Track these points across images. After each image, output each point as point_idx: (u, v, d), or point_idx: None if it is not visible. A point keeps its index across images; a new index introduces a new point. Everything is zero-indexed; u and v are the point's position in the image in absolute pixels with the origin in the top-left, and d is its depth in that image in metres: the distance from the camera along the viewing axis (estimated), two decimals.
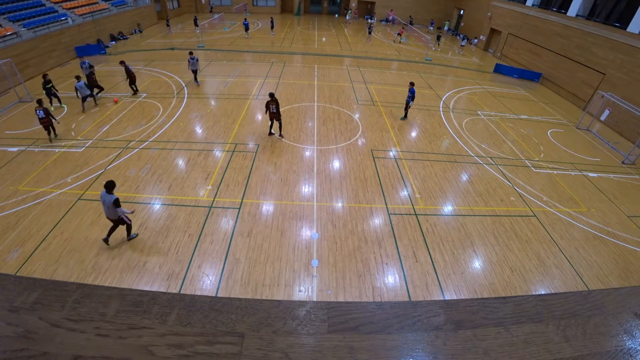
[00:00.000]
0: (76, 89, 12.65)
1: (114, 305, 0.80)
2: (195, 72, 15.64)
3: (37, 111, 10.22)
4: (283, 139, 11.61)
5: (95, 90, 13.73)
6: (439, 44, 27.67)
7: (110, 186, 6.55)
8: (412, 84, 12.98)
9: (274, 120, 11.39)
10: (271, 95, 10.79)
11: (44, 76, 12.76)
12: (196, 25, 26.57)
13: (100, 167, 9.62)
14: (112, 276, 6.51)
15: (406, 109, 13.58)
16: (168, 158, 10.25)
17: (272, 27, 27.13)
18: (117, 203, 6.54)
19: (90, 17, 21.26)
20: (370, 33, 28.08)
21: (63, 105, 13.29)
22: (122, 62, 14.24)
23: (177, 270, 6.70)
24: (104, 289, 0.84)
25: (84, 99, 12.82)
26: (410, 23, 34.22)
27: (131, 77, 14.09)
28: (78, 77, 12.74)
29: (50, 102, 13.02)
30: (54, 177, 9.13)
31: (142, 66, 18.28)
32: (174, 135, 11.48)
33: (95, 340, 0.72)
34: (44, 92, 12.72)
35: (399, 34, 28.56)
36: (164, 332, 0.74)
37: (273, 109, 10.83)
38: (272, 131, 11.82)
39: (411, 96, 12.93)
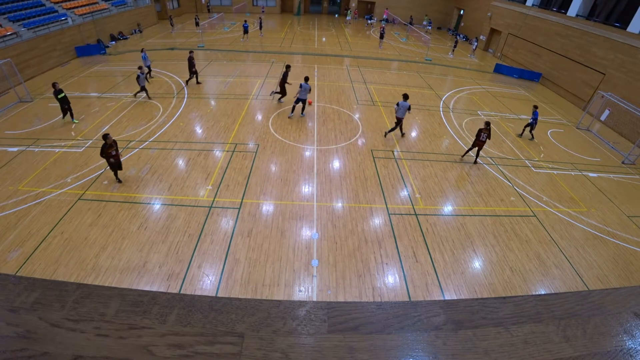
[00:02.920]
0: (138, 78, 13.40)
1: (114, 305, 0.80)
2: (300, 101, 12.94)
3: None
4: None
5: (278, 96, 14.37)
6: (453, 50, 26.20)
7: (407, 96, 11.21)
8: (535, 107, 12.89)
9: (477, 148, 10.73)
10: (487, 124, 10.42)
11: (54, 85, 11.20)
12: (197, 25, 26.56)
13: (100, 167, 9.62)
14: (112, 276, 6.51)
15: (531, 130, 13.22)
16: (168, 158, 10.25)
17: (260, 28, 26.86)
18: (410, 108, 11.22)
19: (90, 17, 21.26)
20: (382, 38, 26.29)
21: (75, 121, 11.99)
22: (191, 51, 15.25)
23: (177, 270, 6.70)
24: (104, 289, 0.84)
25: (142, 89, 13.72)
26: (410, 23, 34.24)
27: (191, 69, 15.18)
28: (140, 68, 13.56)
29: (64, 115, 11.82)
30: (54, 177, 9.13)
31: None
32: (174, 135, 11.48)
33: (95, 340, 0.72)
34: (58, 103, 11.37)
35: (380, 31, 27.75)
36: (164, 332, 0.74)
37: (484, 137, 10.39)
38: (472, 154, 11.12)
39: (534, 118, 12.81)
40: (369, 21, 36.35)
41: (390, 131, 12.05)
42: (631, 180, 11.44)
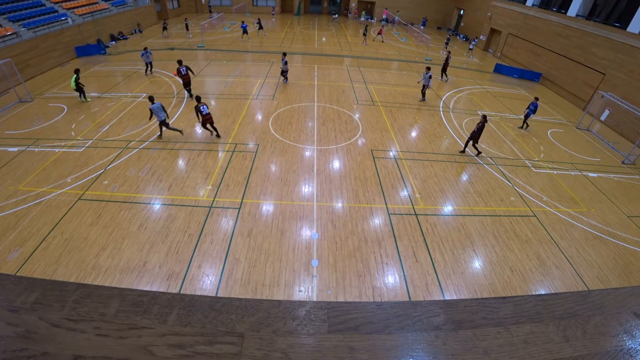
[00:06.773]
0: (151, 111, 10.52)
1: (114, 305, 0.80)
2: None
3: (202, 107, 10.61)
4: None
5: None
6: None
7: None
8: (537, 98, 13.73)
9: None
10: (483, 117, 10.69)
11: (76, 71, 13.21)
12: (187, 28, 26.21)
13: (101, 167, 9.62)
14: (112, 276, 6.51)
15: (525, 120, 14.01)
16: (168, 158, 10.25)
17: (260, 28, 26.77)
18: None
19: (90, 17, 21.26)
20: (365, 35, 26.72)
21: (88, 99, 13.82)
22: (179, 62, 13.70)
23: (177, 270, 6.70)
24: (104, 289, 0.84)
25: (163, 125, 10.85)
26: (411, 23, 34.24)
27: (184, 80, 13.83)
28: (151, 99, 10.61)
29: (80, 96, 13.68)
30: (54, 177, 9.13)
31: (142, 66, 18.26)
32: (174, 135, 11.47)
33: (95, 340, 0.72)
34: (74, 87, 13.27)
35: (378, 33, 28.19)
36: (164, 332, 0.74)
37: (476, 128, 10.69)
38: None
39: (533, 109, 13.55)
40: (362, 19, 36.39)
41: None
42: (631, 180, 11.44)
